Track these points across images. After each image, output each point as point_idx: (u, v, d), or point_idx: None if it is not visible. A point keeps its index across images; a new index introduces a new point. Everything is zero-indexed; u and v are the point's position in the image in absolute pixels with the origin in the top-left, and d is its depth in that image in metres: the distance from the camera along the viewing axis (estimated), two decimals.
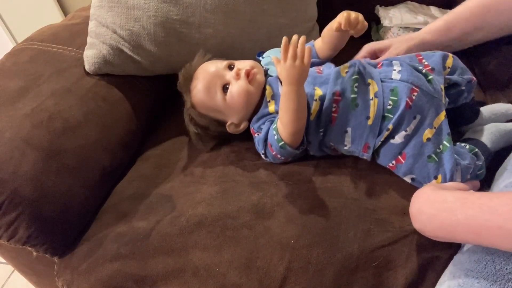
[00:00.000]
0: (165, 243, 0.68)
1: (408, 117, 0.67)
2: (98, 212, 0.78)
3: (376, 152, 0.71)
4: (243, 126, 0.80)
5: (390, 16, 1.05)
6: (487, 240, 0.48)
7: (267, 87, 0.77)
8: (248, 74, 0.76)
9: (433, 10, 1.08)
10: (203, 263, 0.66)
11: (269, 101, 0.77)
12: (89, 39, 0.90)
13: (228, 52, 0.89)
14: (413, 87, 0.67)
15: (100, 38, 0.88)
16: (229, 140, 0.85)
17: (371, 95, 0.69)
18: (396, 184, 0.70)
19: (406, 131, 0.67)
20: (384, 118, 0.68)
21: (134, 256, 0.68)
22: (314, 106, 0.71)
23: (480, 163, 0.68)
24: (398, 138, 0.68)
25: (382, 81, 0.70)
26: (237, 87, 0.76)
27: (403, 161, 0.68)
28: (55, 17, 1.65)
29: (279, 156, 0.74)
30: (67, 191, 0.73)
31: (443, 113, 0.68)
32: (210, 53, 0.85)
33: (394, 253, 0.62)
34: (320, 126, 0.72)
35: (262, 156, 0.78)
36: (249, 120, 0.80)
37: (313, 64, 0.77)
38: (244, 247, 0.66)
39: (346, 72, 0.72)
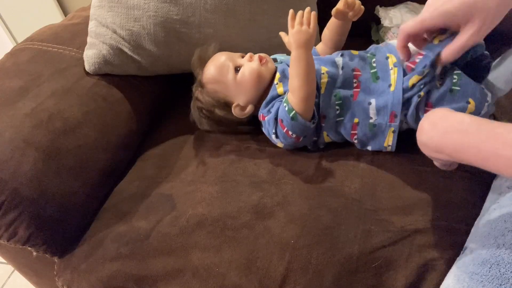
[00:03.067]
0: (165, 243, 0.68)
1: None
2: (98, 212, 0.78)
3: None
4: (248, 109, 0.81)
5: (390, 16, 1.05)
6: (493, 167, 0.48)
7: (277, 74, 0.80)
8: (261, 59, 0.80)
9: None
10: (203, 263, 0.66)
11: (277, 83, 0.79)
12: (89, 39, 0.90)
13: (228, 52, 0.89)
14: None
15: (100, 38, 0.88)
16: (229, 139, 0.85)
17: (390, 66, 0.73)
18: (397, 184, 0.70)
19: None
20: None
21: (134, 256, 0.68)
22: (323, 79, 0.75)
23: None
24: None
25: None
26: (249, 67, 0.79)
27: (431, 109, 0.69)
28: (55, 17, 1.65)
29: (290, 133, 0.74)
30: (67, 191, 0.73)
31: None
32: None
33: (394, 254, 0.62)
34: (335, 100, 0.74)
35: (273, 137, 0.78)
36: (256, 107, 0.82)
37: None
38: (244, 247, 0.66)
39: (358, 52, 0.78)
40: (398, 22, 1.04)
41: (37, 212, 0.69)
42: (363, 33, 0.82)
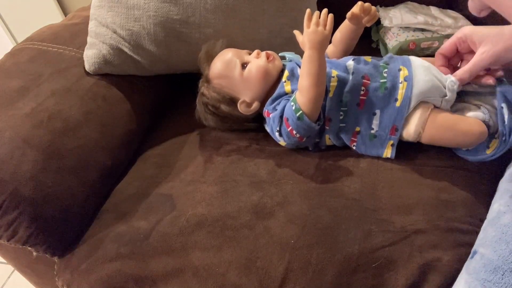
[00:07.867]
0: (165, 243, 0.68)
1: None
2: (98, 212, 0.78)
3: None
4: (254, 106, 0.81)
5: (390, 16, 1.05)
6: None
7: (285, 71, 0.80)
8: (268, 56, 0.80)
9: (433, 10, 1.08)
10: (203, 263, 0.65)
11: (285, 81, 0.79)
12: (89, 39, 0.90)
13: None
14: None
15: (100, 38, 0.88)
16: (229, 139, 0.85)
17: (401, 79, 0.73)
18: (397, 184, 0.70)
19: None
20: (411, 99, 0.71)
21: (134, 256, 0.68)
22: (332, 82, 0.74)
23: None
24: None
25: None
26: (256, 64, 0.80)
27: None
28: (55, 17, 1.65)
29: (294, 132, 0.74)
30: (67, 191, 0.73)
31: None
32: None
33: (395, 254, 0.62)
34: (341, 105, 0.75)
35: (276, 135, 0.77)
36: (262, 104, 0.81)
37: None
38: (244, 247, 0.65)
39: (371, 59, 0.77)
40: (398, 22, 1.04)
41: (37, 212, 0.69)
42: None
